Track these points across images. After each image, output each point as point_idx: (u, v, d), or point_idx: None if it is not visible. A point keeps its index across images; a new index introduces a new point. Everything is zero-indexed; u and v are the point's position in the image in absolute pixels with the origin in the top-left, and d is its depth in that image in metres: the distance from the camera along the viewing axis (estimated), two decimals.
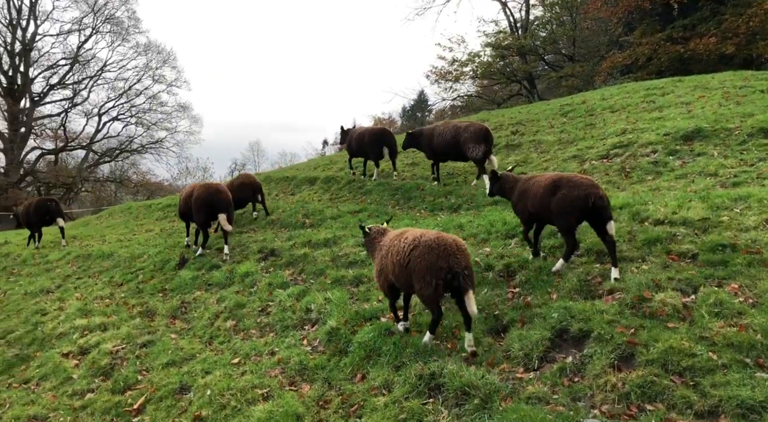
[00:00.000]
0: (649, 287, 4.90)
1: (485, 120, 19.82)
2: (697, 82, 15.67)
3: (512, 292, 5.80)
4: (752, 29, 23.74)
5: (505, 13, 39.55)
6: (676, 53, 25.84)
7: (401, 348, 5.04)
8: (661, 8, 27.99)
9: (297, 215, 11.48)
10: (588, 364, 4.17)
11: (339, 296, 6.59)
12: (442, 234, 4.98)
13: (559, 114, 16.87)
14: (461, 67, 40.21)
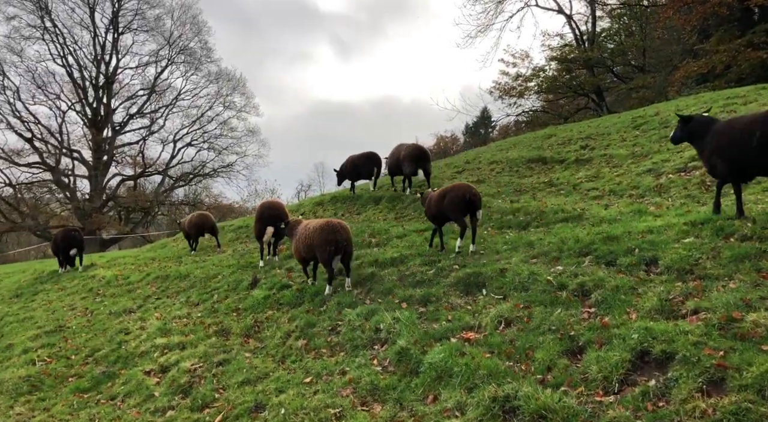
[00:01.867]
0: (739, 307, 4.61)
1: (553, 135, 19.44)
2: None
3: (588, 312, 5.60)
4: None
5: (571, 27, 38.89)
6: (758, 59, 24.53)
7: (473, 369, 4.94)
8: (740, 13, 26.71)
9: (363, 235, 11.58)
10: (673, 388, 3.95)
11: (408, 315, 6.57)
12: (331, 220, 8.36)
13: (631, 127, 16.34)
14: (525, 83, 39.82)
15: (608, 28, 39.78)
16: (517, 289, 6.58)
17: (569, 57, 37.88)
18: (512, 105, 41.24)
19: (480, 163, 17.86)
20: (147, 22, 48.57)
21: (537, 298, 6.15)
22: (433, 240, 9.54)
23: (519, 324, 5.76)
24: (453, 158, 23.70)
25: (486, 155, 19.52)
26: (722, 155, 6.82)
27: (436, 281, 7.64)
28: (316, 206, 17.67)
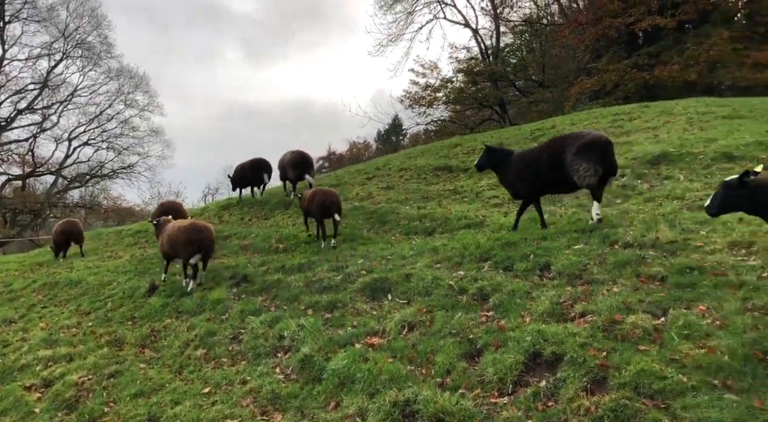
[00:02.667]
0: (620, 310, 4.95)
1: (459, 144, 20.07)
2: (663, 108, 16.14)
3: (486, 315, 5.80)
4: (713, 58, 24.68)
5: (476, 40, 40.39)
6: (642, 80, 26.66)
7: (376, 374, 4.98)
8: (627, 36, 28.94)
9: (270, 240, 11.39)
10: (561, 388, 4.17)
11: (313, 322, 6.52)
12: (197, 221, 9.47)
13: (530, 139, 17.18)
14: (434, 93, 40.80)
15: (511, 44, 41.72)
16: (421, 294, 6.72)
17: (475, 70, 39.30)
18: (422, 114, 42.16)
19: (390, 170, 18.09)
20: (39, 12, 44.89)
21: (439, 302, 6.30)
22: (309, 229, 11.56)
23: (422, 328, 5.87)
24: (364, 165, 23.85)
25: (396, 162, 19.82)
26: (522, 179, 8.26)
27: (343, 287, 7.63)
28: (222, 210, 17.16)
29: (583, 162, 7.34)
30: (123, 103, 48.80)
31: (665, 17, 26.13)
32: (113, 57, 48.38)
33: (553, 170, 7.72)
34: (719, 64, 25.01)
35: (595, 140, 7.43)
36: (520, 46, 41.37)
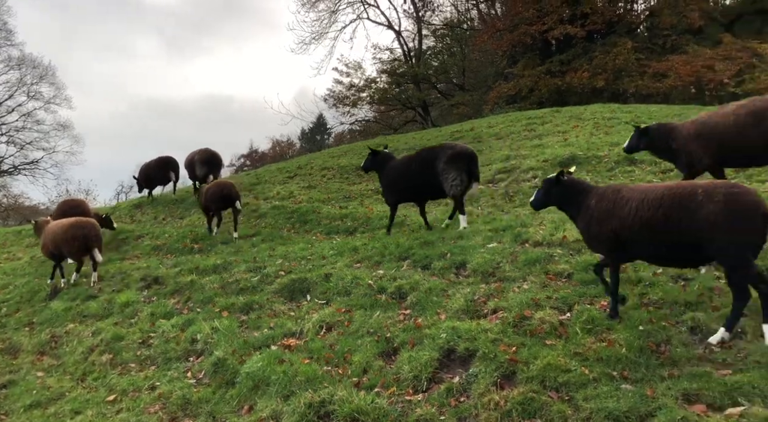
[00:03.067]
0: (530, 306, 5.15)
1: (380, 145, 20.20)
2: (572, 113, 16.98)
3: (404, 314, 5.86)
4: (618, 66, 26.21)
5: (399, 42, 40.79)
6: (554, 86, 27.89)
7: (291, 376, 4.90)
8: (541, 44, 30.19)
9: (185, 240, 10.99)
10: (473, 383, 4.28)
11: (227, 324, 6.34)
12: (82, 218, 9.68)
13: (450, 140, 17.55)
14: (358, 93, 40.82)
15: (433, 47, 42.52)
16: (340, 293, 6.70)
17: (398, 71, 39.71)
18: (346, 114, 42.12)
19: (312, 168, 17.94)
20: None
21: (358, 302, 6.30)
22: (210, 226, 11.49)
23: (340, 328, 5.85)
24: (286, 163, 23.51)
25: (318, 161, 19.67)
26: (394, 185, 8.73)
27: (260, 288, 7.48)
28: (134, 209, 16.39)
29: (452, 172, 7.93)
30: (26, 94, 45.42)
31: (576, 27, 27.48)
32: (13, 45, 44.93)
33: (423, 178, 8.23)
34: (624, 73, 26.59)
35: (461, 151, 8.03)
36: (442, 50, 42.25)
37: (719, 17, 29.31)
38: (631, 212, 4.42)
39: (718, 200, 3.97)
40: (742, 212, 3.94)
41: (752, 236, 3.96)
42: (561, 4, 27.77)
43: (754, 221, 3.94)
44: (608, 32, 29.04)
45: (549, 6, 27.91)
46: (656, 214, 4.24)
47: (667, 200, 4.23)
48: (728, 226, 3.93)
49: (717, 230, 3.95)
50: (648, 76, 26.02)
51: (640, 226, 4.34)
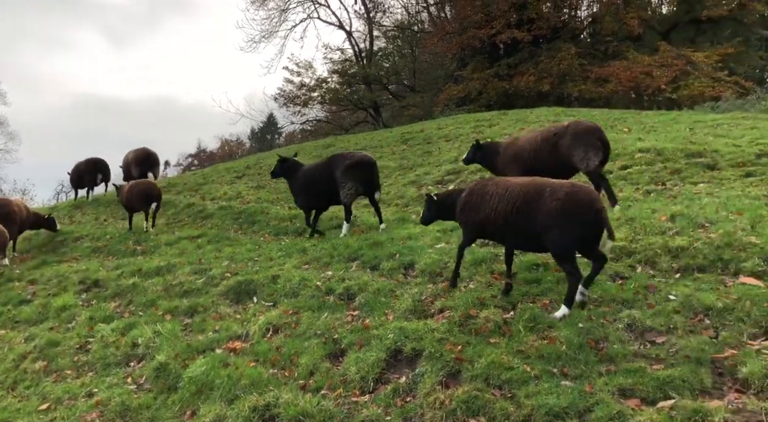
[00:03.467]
0: (475, 305, 5.23)
1: (332, 145, 20.14)
2: (518, 115, 17.38)
3: (352, 315, 5.85)
4: (562, 71, 27.00)
5: (350, 43, 40.76)
6: (502, 89, 28.50)
7: (236, 380, 4.82)
8: (490, 47, 30.78)
9: (127, 242, 10.64)
10: (419, 383, 4.31)
11: (170, 328, 6.17)
12: None
13: (400, 141, 17.69)
14: (309, 93, 40.57)
15: (384, 48, 42.67)
16: (287, 295, 6.62)
17: (349, 72, 39.68)
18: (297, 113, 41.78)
19: (261, 168, 17.72)
20: None
21: (306, 303, 6.25)
22: (131, 224, 11.93)
23: (287, 330, 5.79)
24: (234, 163, 23.12)
25: (268, 160, 19.42)
26: (303, 192, 9.14)
27: (205, 291, 7.33)
28: (74, 210, 15.78)
29: (348, 181, 8.39)
30: None
31: (522, 31, 28.17)
32: None
33: (326, 186, 8.69)
34: (568, 78, 27.43)
35: (359, 161, 8.47)
36: (393, 51, 42.44)
37: (657, 26, 30.63)
38: (493, 206, 5.24)
39: (559, 198, 4.74)
40: (577, 209, 4.71)
41: (583, 231, 4.74)
42: (508, 9, 28.40)
43: (587, 218, 4.70)
44: (553, 38, 29.90)
45: (496, 10, 28.49)
46: (512, 208, 5.06)
47: (520, 196, 5.03)
48: (563, 220, 4.72)
49: (553, 223, 4.74)
50: (591, 81, 26.92)
51: (500, 217, 5.18)
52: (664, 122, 14.47)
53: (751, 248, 5.28)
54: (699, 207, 6.63)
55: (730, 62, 27.44)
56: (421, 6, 40.15)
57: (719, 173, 8.95)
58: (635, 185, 8.92)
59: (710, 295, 4.62)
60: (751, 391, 3.50)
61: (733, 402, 3.38)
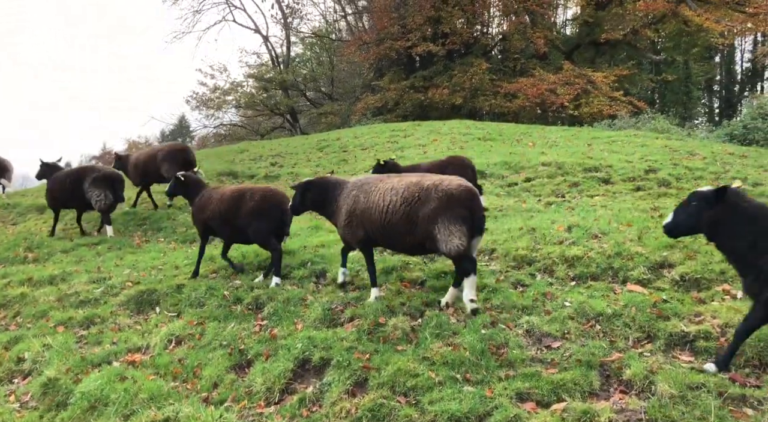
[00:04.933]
0: (384, 313, 5.28)
1: (246, 150, 19.71)
2: (432, 127, 17.82)
3: (260, 325, 5.73)
4: (474, 85, 28.02)
5: (267, 47, 40.27)
6: (417, 100, 29.16)
7: (134, 394, 4.58)
8: (406, 59, 31.44)
9: (17, 249, 9.87)
10: (327, 392, 4.29)
11: (62, 341, 5.77)
12: None
13: (317, 149, 17.62)
14: (224, 96, 39.62)
15: (302, 55, 42.48)
16: (193, 305, 6.39)
17: (266, 76, 39.13)
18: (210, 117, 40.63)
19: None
20: None
21: (212, 313, 6.06)
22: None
23: (191, 341, 5.58)
24: None
25: None
26: (58, 197, 10.51)
27: (104, 301, 6.92)
28: None
29: (96, 190, 10.09)
30: None
31: (437, 45, 29.01)
32: None
33: (76, 193, 10.17)
34: (479, 92, 28.53)
35: (107, 175, 10.27)
36: (311, 58, 42.31)
37: (561, 46, 32.54)
38: None
39: (251, 198, 6.55)
40: (266, 206, 6.52)
41: (273, 225, 6.56)
42: (423, 23, 29.15)
43: (275, 214, 6.54)
44: (466, 52, 31.02)
45: (412, 23, 29.17)
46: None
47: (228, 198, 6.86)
48: (257, 215, 6.49)
49: (251, 218, 6.50)
50: (501, 96, 28.12)
51: None
52: (566, 137, 15.35)
53: (637, 258, 5.70)
54: (594, 219, 7.08)
55: (625, 83, 29.63)
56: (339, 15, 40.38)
57: (613, 187, 9.61)
58: (538, 197, 9.39)
59: (601, 302, 4.93)
60: (633, 392, 3.77)
61: (617, 402, 3.63)
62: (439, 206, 5.04)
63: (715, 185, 9.20)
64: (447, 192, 5.06)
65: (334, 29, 41.50)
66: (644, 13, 28.70)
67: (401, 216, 5.23)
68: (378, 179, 5.73)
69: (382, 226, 5.39)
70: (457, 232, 4.97)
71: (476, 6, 30.26)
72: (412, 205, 5.19)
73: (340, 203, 5.86)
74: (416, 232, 5.19)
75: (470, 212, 5.06)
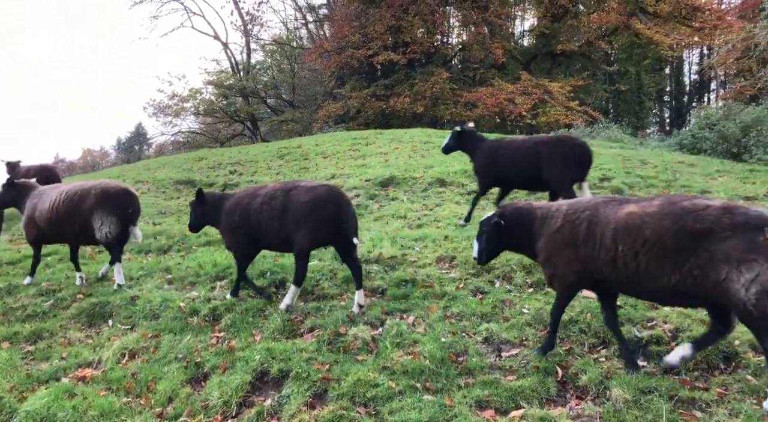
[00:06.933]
0: (345, 323, 5.24)
1: (204, 158, 19.36)
2: (393, 135, 17.89)
3: (217, 337, 5.61)
4: (435, 94, 28.32)
5: (227, 54, 39.86)
6: (379, 108, 29.28)
7: (83, 411, 4.41)
8: (368, 67, 31.53)
9: None
10: (285, 404, 4.22)
11: (7, 357, 5.50)
12: None
13: (277, 156, 17.45)
14: (182, 103, 38.94)
15: (262, 62, 42.15)
16: (147, 317, 6.21)
17: (225, 83, 38.68)
18: (168, 124, 39.87)
19: (124, 181, 16.54)
20: None
21: (167, 326, 5.90)
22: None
23: (145, 354, 5.42)
24: (97, 174, 21.47)
25: (132, 172, 18.26)
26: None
27: (53, 314, 6.67)
28: None
29: None
30: None
31: (398, 54, 29.21)
32: None
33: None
34: (440, 101, 28.85)
35: None
36: (272, 65, 42.02)
37: (519, 56, 33.20)
38: None
39: (95, 194, 6.90)
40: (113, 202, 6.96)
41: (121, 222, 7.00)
42: (384, 32, 29.32)
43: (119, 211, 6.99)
44: (427, 62, 31.33)
45: (373, 32, 29.32)
46: None
47: None
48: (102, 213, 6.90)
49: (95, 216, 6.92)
50: (461, 105, 28.50)
51: None
52: None
53: None
54: None
55: (581, 93, 30.44)
56: (299, 23, 40.28)
57: None
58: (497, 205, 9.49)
59: None
60: (589, 397, 3.83)
61: (573, 408, 3.68)
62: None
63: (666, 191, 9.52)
64: None
65: (295, 37, 41.37)
66: (598, 25, 29.61)
67: None
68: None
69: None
70: None
71: (436, 16, 30.60)
72: None
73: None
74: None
75: None
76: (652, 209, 3.71)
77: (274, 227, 5.68)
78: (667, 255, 3.55)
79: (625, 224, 3.75)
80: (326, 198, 5.46)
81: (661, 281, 3.61)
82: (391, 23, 29.15)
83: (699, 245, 3.44)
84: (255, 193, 5.98)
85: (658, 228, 3.59)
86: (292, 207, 5.52)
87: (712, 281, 3.39)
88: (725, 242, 3.36)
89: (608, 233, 3.82)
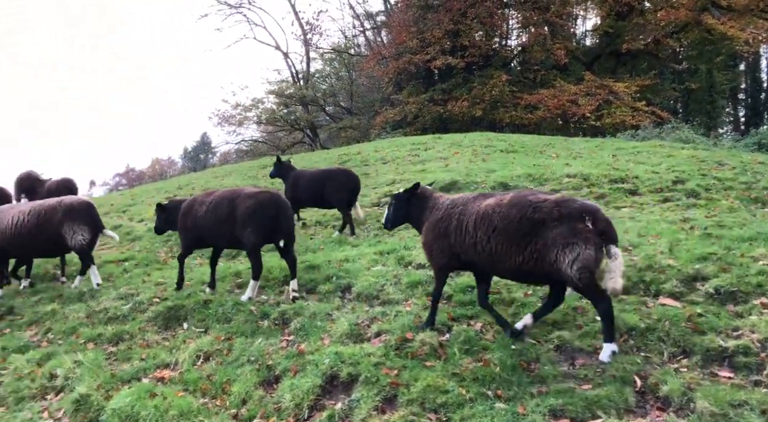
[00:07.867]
0: (412, 329, 5.24)
1: (267, 165, 19.86)
2: (453, 140, 17.79)
3: (287, 340, 5.73)
4: (494, 97, 27.95)
5: (287, 64, 40.82)
6: (437, 113, 29.18)
7: (163, 410, 4.59)
8: (425, 72, 31.53)
9: (47, 266, 10.04)
10: (356, 408, 4.26)
11: (92, 357, 5.82)
12: None
13: (338, 163, 17.67)
14: (245, 112, 40.16)
15: (321, 70, 42.95)
16: (219, 321, 6.42)
17: (286, 92, 39.61)
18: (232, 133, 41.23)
19: (193, 189, 17.22)
20: None
21: (239, 329, 6.08)
22: None
23: (219, 357, 5.60)
24: (165, 183, 22.45)
25: (200, 180, 18.96)
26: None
27: (132, 317, 6.99)
28: None
29: None
30: None
31: (456, 58, 29.06)
32: None
33: None
34: (499, 104, 28.47)
35: None
36: (330, 73, 42.74)
37: (581, 56, 32.36)
38: None
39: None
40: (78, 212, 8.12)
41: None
42: (442, 36, 29.25)
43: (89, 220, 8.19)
44: (485, 65, 30.99)
45: (431, 37, 29.28)
46: None
47: None
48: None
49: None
50: (521, 108, 28.01)
51: None
52: (590, 148, 15.20)
53: (669, 271, 5.59)
54: (623, 231, 6.96)
55: (648, 93, 29.31)
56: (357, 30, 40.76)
57: (640, 198, 9.46)
58: None
59: (633, 316, 4.84)
60: (671, 409, 3.67)
61: (655, 420, 3.54)
62: None
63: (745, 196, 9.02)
64: None
65: (353, 44, 41.90)
66: (666, 22, 28.46)
67: None
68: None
69: None
70: None
71: (495, 19, 30.28)
72: None
73: None
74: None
75: None
76: (504, 201, 4.60)
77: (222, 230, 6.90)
78: (512, 240, 4.42)
79: (483, 214, 4.66)
80: (268, 204, 6.65)
81: (510, 262, 4.47)
82: (449, 27, 29.05)
83: (537, 232, 4.28)
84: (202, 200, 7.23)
85: (506, 217, 4.46)
86: (237, 212, 6.71)
87: (548, 261, 4.22)
88: (554, 230, 4.20)
89: (471, 221, 4.76)
